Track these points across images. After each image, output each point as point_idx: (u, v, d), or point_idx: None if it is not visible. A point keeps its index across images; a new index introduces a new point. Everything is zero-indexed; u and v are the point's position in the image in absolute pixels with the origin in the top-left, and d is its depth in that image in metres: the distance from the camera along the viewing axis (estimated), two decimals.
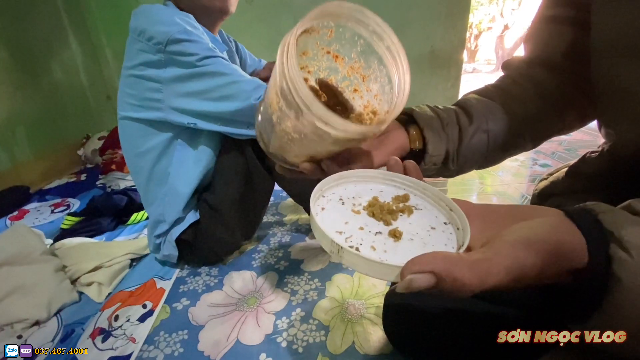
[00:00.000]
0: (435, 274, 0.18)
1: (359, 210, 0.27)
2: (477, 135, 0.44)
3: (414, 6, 1.93)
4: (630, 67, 0.33)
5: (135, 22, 0.64)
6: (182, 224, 0.80)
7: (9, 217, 1.28)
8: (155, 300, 0.78)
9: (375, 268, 0.20)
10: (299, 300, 0.75)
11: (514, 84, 0.47)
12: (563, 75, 0.44)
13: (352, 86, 0.38)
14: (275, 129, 0.32)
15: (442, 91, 2.14)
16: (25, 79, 1.61)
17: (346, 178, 0.31)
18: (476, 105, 0.44)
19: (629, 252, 0.19)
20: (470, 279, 0.18)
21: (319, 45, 0.35)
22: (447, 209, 0.27)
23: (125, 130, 0.75)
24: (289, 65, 0.26)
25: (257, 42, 2.01)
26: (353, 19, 0.32)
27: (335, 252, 0.22)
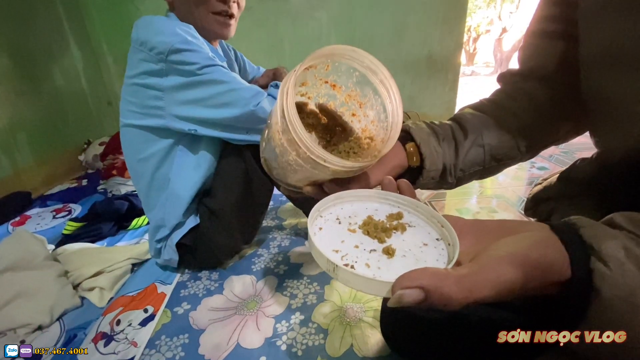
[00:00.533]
0: (423, 289, 0.19)
1: (355, 229, 0.29)
2: (473, 149, 0.45)
3: (411, 11, 1.95)
4: (615, 78, 0.34)
5: (137, 33, 0.66)
6: (182, 228, 0.81)
7: (11, 222, 1.29)
8: (156, 305, 0.79)
9: (369, 285, 0.22)
10: (298, 304, 0.76)
11: (508, 97, 0.48)
12: (556, 88, 0.45)
13: (350, 111, 0.40)
14: (278, 160, 0.34)
15: (440, 95, 2.16)
16: (27, 85, 1.63)
17: (342, 198, 0.33)
18: (471, 120, 0.46)
19: (607, 264, 0.20)
20: (457, 293, 0.19)
21: (317, 76, 0.37)
22: (439, 226, 0.29)
23: (127, 137, 0.76)
24: (289, 109, 0.28)
25: (256, 48, 2.05)
26: (347, 56, 0.34)
27: (331, 270, 0.23)
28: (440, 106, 2.18)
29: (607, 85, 0.36)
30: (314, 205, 0.29)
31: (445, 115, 2.22)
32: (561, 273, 0.21)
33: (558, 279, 0.21)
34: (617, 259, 0.20)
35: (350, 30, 2.00)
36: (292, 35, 2.02)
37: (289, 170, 0.34)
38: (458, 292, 0.19)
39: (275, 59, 2.07)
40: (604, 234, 0.21)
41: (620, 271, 0.19)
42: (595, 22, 0.36)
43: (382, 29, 1.99)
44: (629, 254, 0.20)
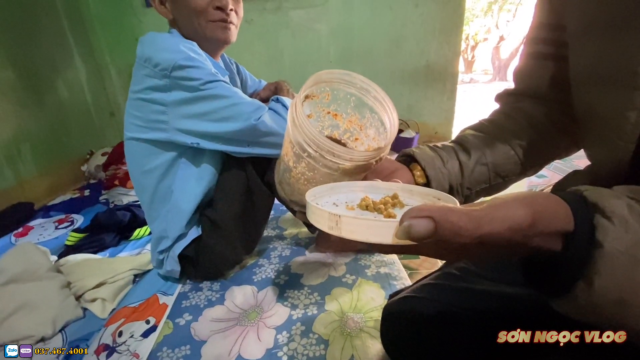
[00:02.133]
0: (433, 218, 0.19)
1: (353, 207, 0.30)
2: (477, 168, 0.46)
3: (409, 22, 1.99)
4: (602, 95, 0.36)
5: (142, 50, 0.68)
6: (184, 239, 0.82)
7: (14, 233, 1.30)
8: (158, 316, 0.79)
9: (375, 228, 0.21)
10: (299, 315, 0.77)
11: (506, 117, 0.50)
12: (551, 105, 0.47)
13: (353, 136, 0.44)
14: (292, 174, 0.37)
15: (439, 104, 2.19)
16: (31, 98, 1.65)
17: (336, 189, 0.34)
18: (473, 141, 0.47)
19: (611, 219, 0.20)
20: (467, 223, 0.19)
21: (320, 107, 0.42)
22: (436, 200, 0.30)
23: (131, 150, 0.78)
24: (298, 113, 0.31)
25: (257, 60, 2.08)
26: (343, 81, 0.38)
27: (334, 224, 0.22)
28: (439, 115, 2.20)
29: (595, 102, 0.37)
30: None
31: (444, 124, 2.24)
32: (565, 222, 0.21)
33: (562, 227, 0.21)
34: (620, 215, 0.20)
35: (349, 41, 2.04)
36: (291, 47, 2.05)
37: (302, 182, 0.36)
38: (468, 222, 0.19)
39: (275, 70, 2.10)
40: (608, 194, 0.21)
41: (623, 226, 0.20)
42: (582, 43, 0.38)
43: (380, 39, 2.03)
44: (632, 211, 0.20)
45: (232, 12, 0.75)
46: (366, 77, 0.37)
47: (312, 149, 0.32)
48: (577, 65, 0.39)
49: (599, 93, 0.37)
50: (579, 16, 0.38)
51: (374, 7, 1.96)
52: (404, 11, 1.96)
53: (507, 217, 0.20)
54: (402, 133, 2.12)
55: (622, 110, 0.33)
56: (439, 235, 0.19)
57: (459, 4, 1.94)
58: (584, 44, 0.37)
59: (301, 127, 0.32)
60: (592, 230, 0.20)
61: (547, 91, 0.47)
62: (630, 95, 0.32)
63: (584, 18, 0.37)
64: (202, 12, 0.72)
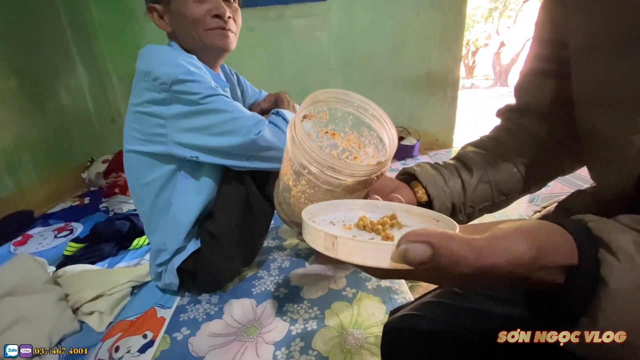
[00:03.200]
0: (431, 244, 0.18)
1: (350, 226, 0.29)
2: (480, 187, 0.45)
3: (409, 30, 1.99)
4: (607, 117, 0.35)
5: (142, 63, 0.67)
6: (183, 252, 0.81)
7: (13, 242, 1.30)
8: (155, 330, 0.78)
9: (371, 251, 0.20)
10: (298, 330, 0.76)
11: (508, 134, 0.49)
12: (554, 123, 0.46)
13: (352, 155, 0.43)
14: (292, 193, 0.36)
15: (440, 111, 2.19)
16: (33, 105, 1.66)
17: (334, 207, 0.33)
18: (474, 158, 0.47)
19: (617, 256, 0.19)
20: (467, 252, 0.18)
21: (318, 127, 0.41)
22: (435, 221, 0.29)
23: (130, 162, 0.77)
24: (297, 130, 0.31)
25: (258, 67, 2.09)
26: (340, 100, 0.38)
27: (330, 245, 0.21)
28: (440, 122, 2.20)
29: (598, 123, 0.37)
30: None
31: (445, 132, 2.24)
32: (568, 256, 0.20)
33: (565, 261, 0.20)
34: (627, 252, 0.19)
35: (350, 49, 2.05)
36: (293, 54, 2.06)
37: (303, 202, 0.36)
38: (468, 252, 0.18)
39: (276, 77, 2.11)
40: (614, 228, 0.20)
41: (629, 264, 0.19)
42: (585, 62, 0.37)
43: (381, 47, 2.03)
44: (638, 247, 0.19)
45: (230, 19, 0.74)
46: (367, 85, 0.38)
47: (312, 166, 0.32)
48: (580, 84, 0.38)
49: (603, 114, 0.36)
50: (582, 34, 0.38)
51: (375, 15, 1.97)
52: (405, 19, 1.97)
53: (509, 250, 0.19)
54: (403, 140, 2.12)
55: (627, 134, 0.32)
56: (436, 262, 0.18)
57: (459, 12, 1.95)
58: (588, 63, 0.37)
59: (301, 144, 0.31)
60: (596, 265, 0.20)
61: (549, 108, 0.46)
62: (636, 118, 0.31)
63: (588, 36, 0.37)
64: (200, 21, 0.71)
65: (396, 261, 0.19)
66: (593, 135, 0.38)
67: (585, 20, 0.37)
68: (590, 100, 0.37)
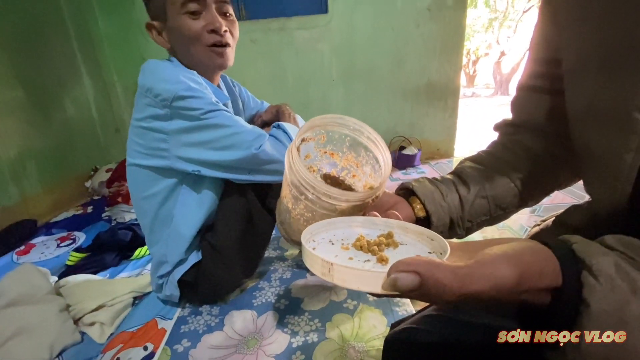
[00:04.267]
0: (419, 274, 0.19)
1: (348, 246, 0.30)
2: (477, 202, 0.46)
3: (410, 42, 2.02)
4: (599, 135, 0.36)
5: (143, 80, 0.69)
6: (184, 264, 0.81)
7: (16, 251, 1.31)
8: (156, 342, 0.78)
9: (365, 278, 0.22)
10: (299, 342, 0.75)
11: (505, 149, 0.50)
12: (549, 138, 0.47)
13: (350, 173, 0.45)
14: (291, 215, 0.38)
15: (441, 121, 2.20)
16: (39, 115, 1.69)
17: (333, 224, 0.35)
18: (471, 173, 0.47)
19: (598, 278, 0.20)
20: (452, 281, 0.19)
21: (317, 148, 0.43)
22: (429, 240, 0.30)
23: (133, 175, 0.78)
24: (294, 158, 0.32)
25: (261, 78, 2.12)
26: (336, 124, 0.40)
27: (327, 271, 0.23)
28: (441, 132, 2.21)
29: (591, 140, 0.37)
30: None
31: (446, 141, 2.25)
32: (552, 279, 0.21)
33: (549, 284, 0.21)
34: (607, 274, 0.20)
35: (351, 60, 2.07)
36: (295, 66, 2.09)
37: (302, 223, 0.38)
38: (453, 281, 0.19)
39: (279, 88, 2.13)
40: (596, 251, 0.21)
41: (609, 286, 0.20)
42: (578, 81, 0.38)
43: (382, 58, 2.06)
44: (619, 270, 0.20)
45: (227, 33, 0.75)
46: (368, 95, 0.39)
47: (309, 192, 0.34)
48: (573, 102, 0.39)
49: (595, 132, 0.36)
50: (574, 53, 0.39)
51: (375, 27, 2.00)
52: (406, 31, 2.00)
53: (492, 276, 0.20)
54: (404, 150, 2.13)
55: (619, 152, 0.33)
56: (423, 291, 0.19)
57: (459, 24, 1.98)
58: (580, 81, 0.37)
59: (298, 172, 0.33)
60: (579, 287, 0.20)
61: (545, 124, 0.47)
62: (627, 136, 0.32)
63: (580, 56, 0.37)
64: (197, 37, 0.72)
65: (387, 289, 0.21)
66: (586, 151, 0.39)
67: (576, 40, 0.38)
68: (583, 117, 0.38)
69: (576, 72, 0.38)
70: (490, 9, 8.00)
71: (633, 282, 0.20)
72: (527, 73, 0.48)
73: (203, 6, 0.71)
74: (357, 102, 2.15)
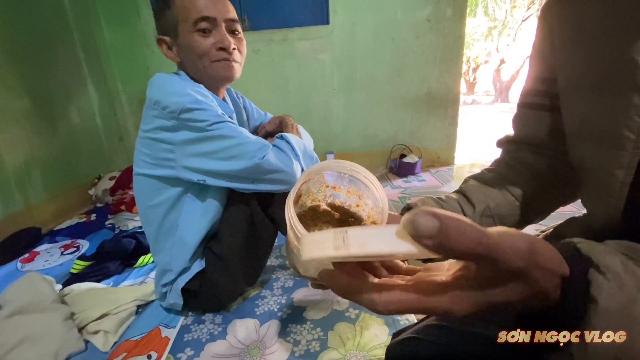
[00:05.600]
0: (439, 217, 0.18)
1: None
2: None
3: (410, 52, 2.05)
4: (592, 152, 0.37)
5: (151, 93, 0.71)
6: (188, 273, 0.83)
7: (20, 259, 1.32)
8: (160, 350, 0.79)
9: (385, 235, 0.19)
10: (301, 352, 0.76)
11: (508, 168, 0.50)
12: (551, 155, 0.47)
13: (354, 203, 0.45)
14: (297, 258, 0.39)
15: (441, 129, 2.22)
16: (44, 125, 1.71)
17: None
18: (476, 193, 0.48)
19: (605, 275, 0.20)
20: (472, 228, 0.18)
21: (319, 184, 0.44)
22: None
23: (139, 185, 0.80)
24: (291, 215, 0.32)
25: (263, 88, 2.15)
26: (333, 166, 0.41)
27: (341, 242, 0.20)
28: (441, 140, 2.23)
29: (585, 157, 0.39)
30: None
31: (446, 149, 2.26)
32: (561, 266, 0.21)
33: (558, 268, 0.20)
34: (615, 272, 0.20)
35: (352, 70, 2.11)
36: (297, 76, 2.12)
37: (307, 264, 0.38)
38: (473, 228, 0.18)
39: (281, 98, 2.16)
40: (602, 250, 0.21)
41: (618, 283, 0.20)
42: (572, 99, 0.40)
43: (383, 68, 2.09)
44: (627, 268, 0.20)
45: (235, 50, 0.78)
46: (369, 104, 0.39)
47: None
48: (569, 120, 0.41)
49: (589, 149, 0.38)
50: (567, 75, 0.40)
51: (376, 38, 2.04)
52: (406, 42, 2.03)
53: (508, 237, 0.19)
54: (405, 158, 2.14)
55: (611, 168, 0.34)
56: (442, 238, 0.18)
57: (458, 34, 2.01)
58: (574, 100, 0.39)
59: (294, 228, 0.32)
60: (587, 284, 0.20)
61: (546, 140, 0.47)
62: (617, 153, 0.33)
63: (572, 78, 0.39)
64: (206, 54, 0.75)
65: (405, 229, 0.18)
66: (581, 167, 0.40)
67: (570, 60, 0.39)
68: (577, 135, 0.40)
69: (570, 91, 0.40)
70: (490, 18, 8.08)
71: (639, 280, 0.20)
72: (526, 90, 0.49)
73: (213, 25, 0.74)
74: (358, 111, 2.17)
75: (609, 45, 0.33)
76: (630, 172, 0.33)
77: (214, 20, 0.73)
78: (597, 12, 0.34)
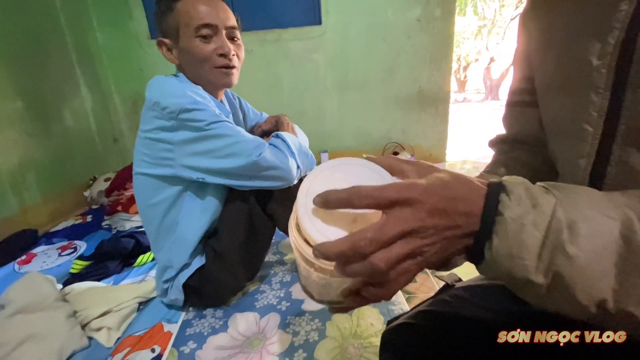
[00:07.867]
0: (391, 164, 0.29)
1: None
2: None
3: (402, 52, 2.09)
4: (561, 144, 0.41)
5: (151, 94, 0.73)
6: (188, 269, 0.85)
7: (17, 261, 1.32)
8: (163, 344, 0.81)
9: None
10: (300, 341, 0.79)
11: (505, 167, 0.52)
12: (544, 149, 0.49)
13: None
14: (309, 281, 0.40)
15: (432, 127, 2.27)
16: (38, 127, 1.71)
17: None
18: None
19: (509, 196, 0.26)
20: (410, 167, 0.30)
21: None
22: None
23: (139, 184, 0.82)
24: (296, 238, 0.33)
25: (257, 88, 2.17)
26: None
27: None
28: (433, 138, 2.28)
29: (556, 149, 0.43)
30: None
31: (438, 146, 2.31)
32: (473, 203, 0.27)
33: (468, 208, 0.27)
34: (517, 194, 0.26)
35: (345, 70, 2.14)
36: (290, 76, 2.15)
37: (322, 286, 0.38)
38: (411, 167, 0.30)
39: (275, 97, 2.19)
40: (518, 181, 0.27)
41: (517, 201, 0.26)
42: (545, 97, 0.44)
43: (375, 69, 2.13)
44: (527, 192, 0.26)
45: (234, 56, 0.80)
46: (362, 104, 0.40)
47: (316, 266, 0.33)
48: (544, 117, 0.45)
49: (559, 142, 0.42)
50: (542, 74, 0.44)
51: (368, 38, 2.07)
52: (397, 42, 2.07)
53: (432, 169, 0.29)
54: (397, 155, 2.19)
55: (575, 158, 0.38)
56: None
57: (447, 34, 2.06)
58: (547, 99, 0.43)
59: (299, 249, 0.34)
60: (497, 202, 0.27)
61: (535, 137, 0.50)
62: (580, 145, 0.37)
63: (546, 77, 0.43)
64: (207, 59, 0.77)
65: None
66: (556, 159, 0.44)
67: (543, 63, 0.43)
68: (550, 131, 0.44)
69: (544, 91, 0.44)
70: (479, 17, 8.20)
71: (535, 199, 0.26)
72: (512, 89, 0.52)
73: (214, 32, 0.76)
74: (352, 110, 2.21)
75: (572, 50, 0.37)
76: (590, 161, 0.36)
77: (216, 27, 0.76)
78: (563, 20, 0.38)
